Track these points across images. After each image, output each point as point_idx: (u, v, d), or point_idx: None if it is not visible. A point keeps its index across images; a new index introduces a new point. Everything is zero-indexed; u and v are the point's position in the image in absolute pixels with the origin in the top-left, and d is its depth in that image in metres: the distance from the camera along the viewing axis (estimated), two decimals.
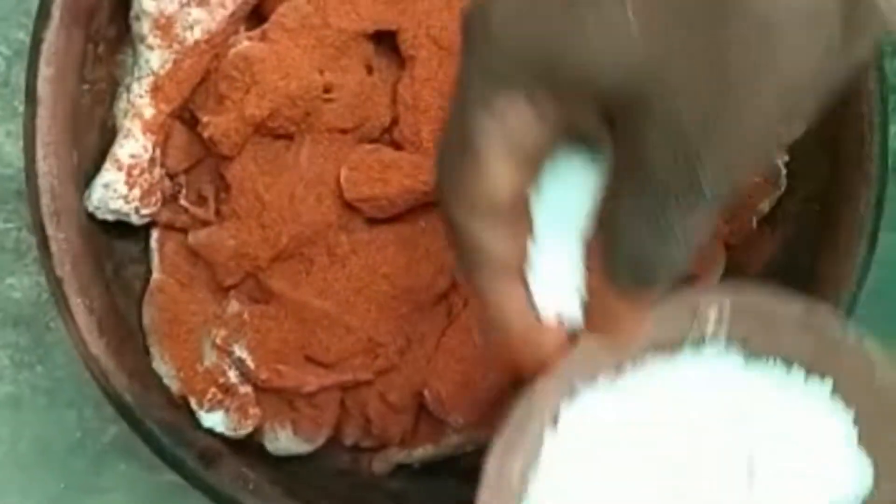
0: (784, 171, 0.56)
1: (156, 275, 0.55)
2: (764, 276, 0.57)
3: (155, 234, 0.55)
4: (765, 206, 0.56)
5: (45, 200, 0.50)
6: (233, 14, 0.53)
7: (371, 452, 0.57)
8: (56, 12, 0.50)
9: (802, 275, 0.54)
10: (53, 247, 0.50)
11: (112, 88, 0.55)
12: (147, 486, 0.62)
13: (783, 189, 0.56)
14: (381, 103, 0.54)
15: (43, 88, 0.50)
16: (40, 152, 0.50)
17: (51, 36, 0.50)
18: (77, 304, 0.50)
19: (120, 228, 0.54)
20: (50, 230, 0.50)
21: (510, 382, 0.56)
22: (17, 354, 0.62)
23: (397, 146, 0.54)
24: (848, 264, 0.52)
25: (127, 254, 0.55)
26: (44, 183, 0.50)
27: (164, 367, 0.53)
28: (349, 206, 0.53)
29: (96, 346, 0.51)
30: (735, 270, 0.56)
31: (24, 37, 0.61)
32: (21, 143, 0.61)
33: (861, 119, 0.52)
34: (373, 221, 0.53)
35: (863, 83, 0.52)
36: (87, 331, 0.51)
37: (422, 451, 0.57)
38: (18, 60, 0.61)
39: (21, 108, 0.61)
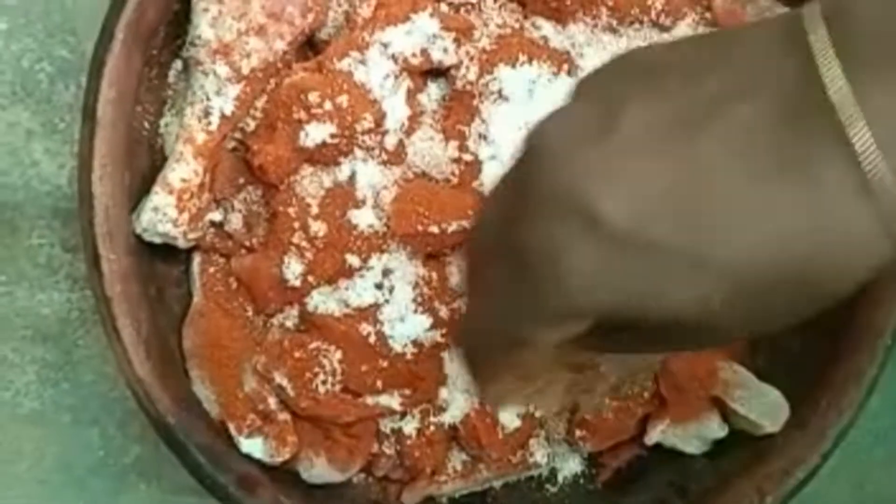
0: None
1: (197, 299, 0.55)
2: None
3: (197, 258, 0.55)
4: None
5: (98, 221, 0.50)
6: (290, 44, 0.53)
7: (401, 484, 0.57)
8: (119, 35, 0.50)
9: None
10: (105, 267, 0.50)
11: (159, 109, 0.55)
12: None
13: None
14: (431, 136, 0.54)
15: (104, 110, 0.50)
16: (97, 174, 0.50)
17: (113, 58, 0.50)
18: (125, 325, 0.51)
19: (162, 251, 0.54)
20: (102, 251, 0.50)
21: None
22: (44, 371, 0.62)
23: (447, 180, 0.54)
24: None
25: (168, 276, 0.56)
26: (99, 204, 0.50)
27: (204, 391, 0.54)
28: (397, 239, 0.53)
29: (142, 368, 0.51)
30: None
31: (67, 54, 0.61)
32: (59, 160, 0.61)
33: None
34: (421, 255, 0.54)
35: None
36: (133, 352, 0.51)
37: (451, 486, 0.57)
38: (61, 78, 0.61)
39: (61, 126, 0.61)
